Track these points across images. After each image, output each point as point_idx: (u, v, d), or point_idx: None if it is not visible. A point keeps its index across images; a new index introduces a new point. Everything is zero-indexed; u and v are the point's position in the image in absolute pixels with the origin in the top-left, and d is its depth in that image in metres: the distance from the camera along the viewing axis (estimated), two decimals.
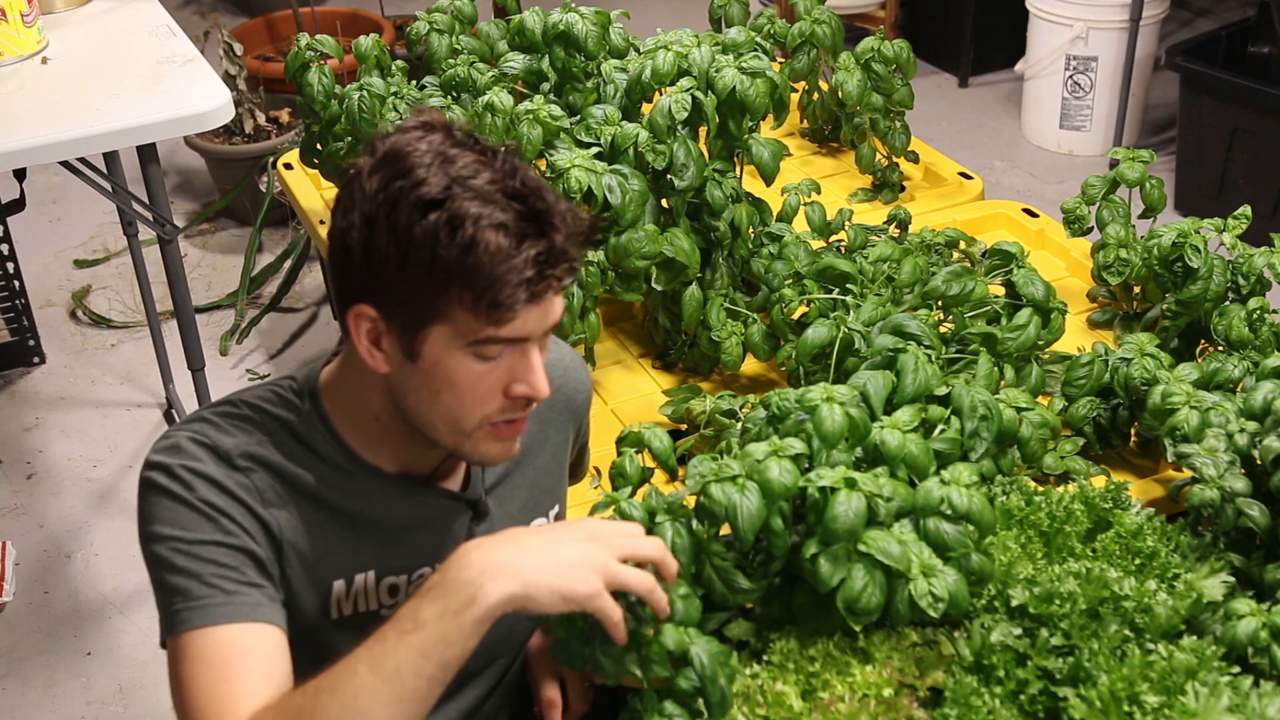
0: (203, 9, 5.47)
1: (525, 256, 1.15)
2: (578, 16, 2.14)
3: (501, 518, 1.44)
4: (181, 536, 1.23)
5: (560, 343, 1.58)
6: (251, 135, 3.97)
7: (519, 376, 1.23)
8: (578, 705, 1.45)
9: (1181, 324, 1.96)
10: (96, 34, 2.56)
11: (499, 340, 1.19)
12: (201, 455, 1.26)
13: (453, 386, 1.21)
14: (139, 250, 3.16)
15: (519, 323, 1.18)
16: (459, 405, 1.23)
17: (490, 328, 1.17)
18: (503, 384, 1.23)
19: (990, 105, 4.75)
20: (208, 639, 1.20)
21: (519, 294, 1.15)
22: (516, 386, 1.23)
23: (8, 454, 3.20)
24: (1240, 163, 3.79)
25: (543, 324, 1.21)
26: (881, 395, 1.56)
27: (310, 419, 1.32)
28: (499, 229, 1.14)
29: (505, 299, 1.15)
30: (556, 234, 1.17)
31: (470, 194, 1.15)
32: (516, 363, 1.22)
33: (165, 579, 1.23)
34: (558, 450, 1.52)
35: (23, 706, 2.55)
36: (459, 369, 1.20)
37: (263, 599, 1.24)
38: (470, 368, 1.20)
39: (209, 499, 1.24)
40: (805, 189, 2.22)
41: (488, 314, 1.16)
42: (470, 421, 1.24)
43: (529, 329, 1.19)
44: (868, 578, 1.26)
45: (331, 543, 1.33)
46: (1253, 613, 1.29)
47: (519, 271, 1.15)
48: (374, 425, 1.31)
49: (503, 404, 1.24)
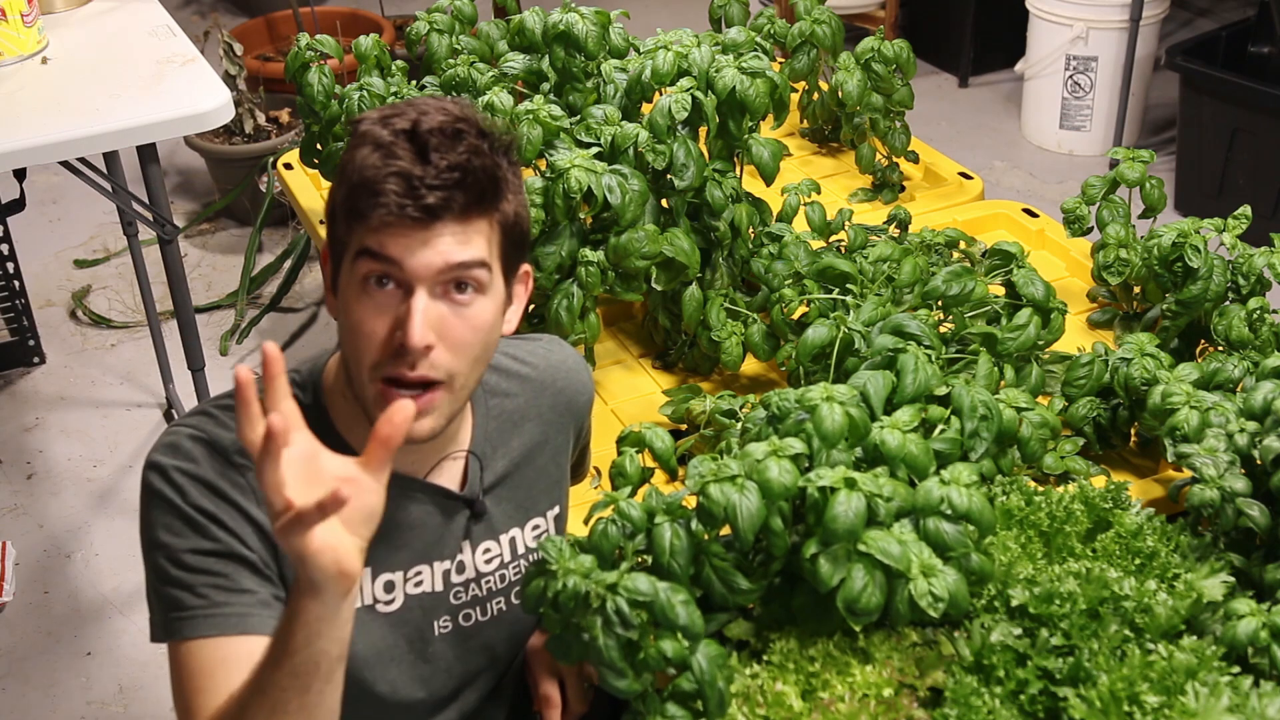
0: (203, 9, 5.47)
1: (387, 171, 1.20)
2: (578, 16, 2.14)
3: (499, 518, 1.44)
4: (174, 545, 1.26)
5: (563, 344, 1.58)
6: (251, 135, 3.97)
7: (401, 322, 1.23)
8: (576, 705, 1.45)
9: (1181, 324, 1.96)
10: (96, 34, 2.56)
11: (375, 255, 1.21)
12: (198, 455, 1.28)
13: (348, 318, 1.25)
14: (139, 250, 3.16)
15: (389, 242, 1.21)
16: (354, 343, 1.25)
17: (361, 237, 1.22)
18: (387, 327, 1.23)
19: (990, 105, 4.75)
20: (194, 651, 1.25)
21: (374, 203, 1.20)
22: (397, 334, 1.23)
23: (8, 454, 3.20)
24: (1240, 163, 3.79)
25: (422, 260, 1.21)
26: (881, 395, 1.56)
27: (310, 413, 1.32)
28: (377, 147, 1.21)
29: (362, 206, 1.20)
30: (426, 166, 1.20)
31: (382, 119, 1.23)
32: (399, 307, 1.23)
33: (159, 588, 1.27)
34: (558, 452, 1.51)
35: (23, 706, 2.55)
36: (354, 300, 1.24)
37: (252, 606, 1.26)
38: (361, 301, 1.24)
39: (201, 504, 1.26)
40: (805, 189, 2.22)
41: (356, 220, 1.22)
42: (363, 365, 1.25)
43: (399, 254, 1.21)
44: (868, 578, 1.26)
45: None
46: (1253, 613, 1.29)
47: (375, 184, 1.20)
48: (368, 418, 1.31)
49: (384, 349, 1.24)
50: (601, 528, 1.31)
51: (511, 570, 1.46)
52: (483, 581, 1.44)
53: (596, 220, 1.98)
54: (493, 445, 1.44)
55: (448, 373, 1.25)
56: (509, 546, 1.46)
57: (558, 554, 1.26)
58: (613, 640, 1.22)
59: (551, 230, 1.93)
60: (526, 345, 1.54)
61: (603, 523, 1.31)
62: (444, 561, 1.41)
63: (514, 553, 1.46)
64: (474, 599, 1.44)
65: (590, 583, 1.23)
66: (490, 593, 1.45)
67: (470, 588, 1.43)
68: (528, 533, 1.47)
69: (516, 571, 1.47)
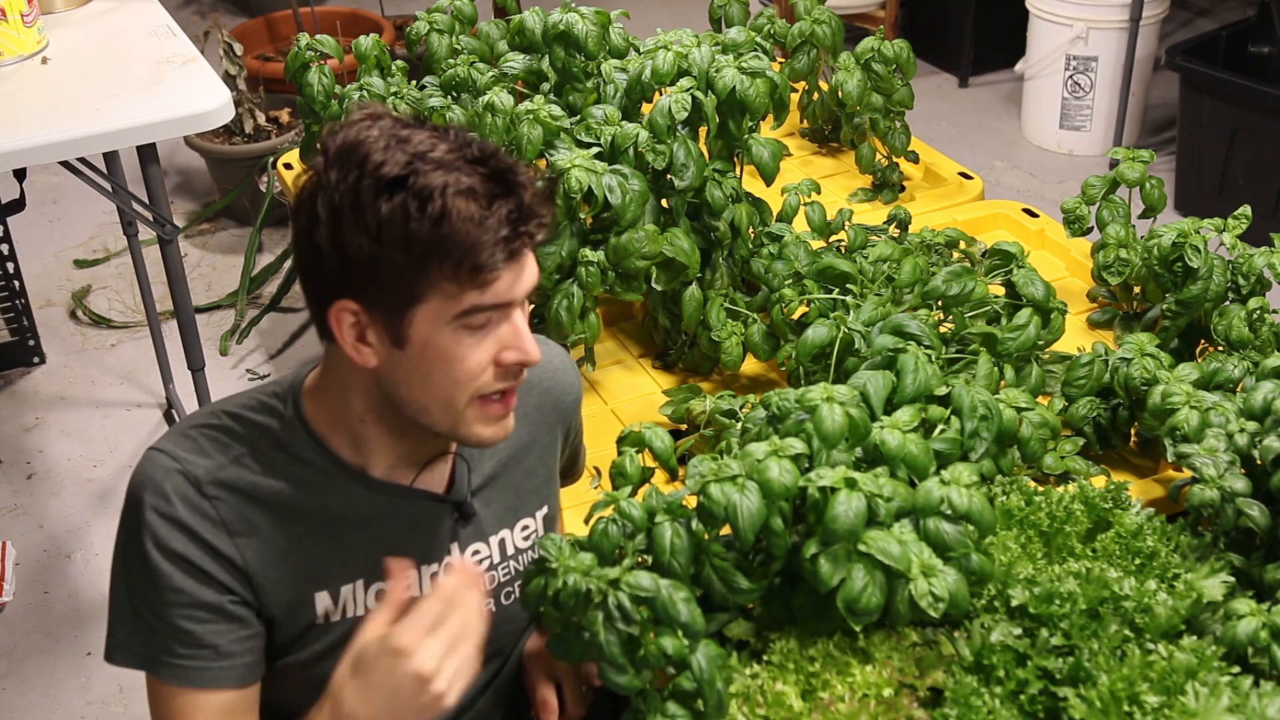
0: (203, 9, 5.47)
1: (498, 216, 1.15)
2: (578, 16, 2.14)
3: (487, 519, 1.43)
4: (143, 590, 1.28)
5: (549, 343, 1.56)
6: (251, 135, 3.97)
7: (508, 343, 1.22)
8: (574, 709, 1.45)
9: (1181, 324, 1.96)
10: (96, 34, 2.56)
11: (484, 308, 1.19)
12: (168, 491, 1.27)
13: (444, 364, 1.21)
14: (139, 250, 3.16)
15: (501, 285, 1.18)
16: (451, 383, 1.22)
17: (474, 294, 1.17)
18: (492, 353, 1.22)
19: (990, 105, 4.75)
20: (157, 687, 1.30)
21: (497, 254, 1.16)
22: (506, 354, 1.23)
23: (8, 454, 3.20)
24: (1240, 163, 3.79)
25: (523, 285, 1.21)
26: (881, 395, 1.56)
27: (292, 425, 1.31)
28: (467, 194, 1.14)
29: (485, 262, 1.15)
30: (524, 190, 1.17)
31: (431, 165, 1.15)
32: (503, 330, 1.22)
33: (124, 612, 1.30)
34: (545, 452, 1.50)
35: (23, 706, 2.55)
36: (449, 345, 1.20)
37: (211, 662, 1.28)
38: (460, 342, 1.20)
39: (172, 548, 1.27)
40: (805, 189, 2.22)
41: (470, 280, 1.16)
42: (464, 398, 1.24)
43: (512, 292, 1.20)
44: (868, 578, 1.26)
45: (315, 556, 1.32)
46: (1253, 613, 1.29)
47: (494, 232, 1.15)
48: (359, 427, 1.30)
49: (494, 374, 1.24)
50: (602, 527, 1.31)
51: (501, 572, 1.46)
52: None
53: (596, 220, 1.98)
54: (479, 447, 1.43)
55: None
56: (498, 548, 1.45)
57: (558, 552, 1.26)
58: (614, 636, 1.22)
59: (551, 230, 1.93)
60: None
61: (603, 522, 1.31)
62: (432, 565, 1.40)
63: (503, 554, 1.46)
64: None
65: (592, 579, 1.23)
66: None
67: None
68: (517, 534, 1.47)
69: (506, 573, 1.46)
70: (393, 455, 1.33)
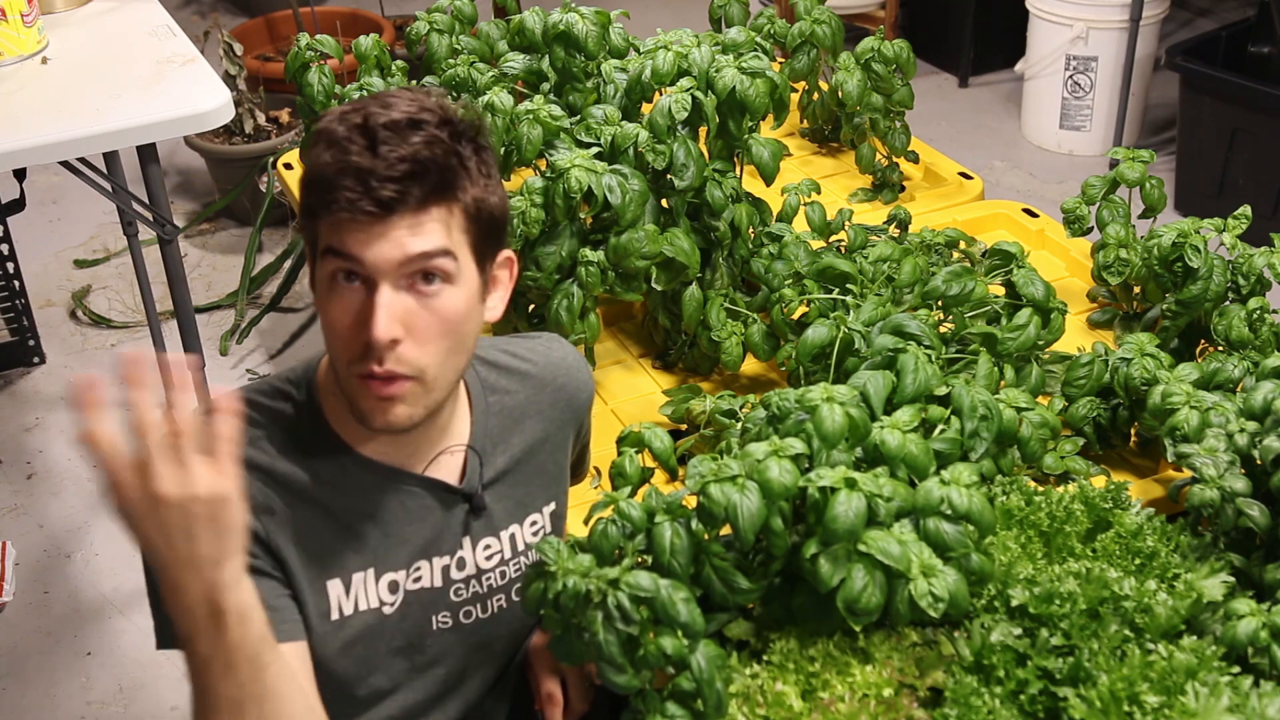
0: (203, 9, 5.47)
1: (340, 167, 1.20)
2: (578, 16, 2.14)
3: (498, 514, 1.44)
4: None
5: (563, 342, 1.58)
6: (251, 135, 3.97)
7: (364, 318, 1.22)
8: (578, 704, 1.45)
9: (1181, 324, 1.96)
10: (96, 34, 2.56)
11: (339, 253, 1.21)
12: None
13: (322, 315, 1.26)
14: (139, 250, 3.16)
15: (348, 239, 1.21)
16: (329, 339, 1.26)
17: (324, 235, 1.22)
18: (351, 317, 1.23)
19: (990, 105, 4.75)
20: None
21: (330, 200, 1.20)
22: (361, 329, 1.23)
23: (8, 454, 3.20)
24: (1240, 163, 3.79)
25: (378, 253, 1.21)
26: (881, 395, 1.56)
27: (304, 410, 1.33)
28: (330, 144, 1.21)
29: (320, 203, 1.21)
30: (376, 160, 1.19)
31: (334, 116, 1.23)
32: (364, 303, 1.23)
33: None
34: (556, 449, 1.52)
35: (23, 706, 2.55)
36: (323, 295, 1.25)
37: None
38: (329, 296, 1.24)
39: None
40: (805, 189, 2.22)
41: (317, 218, 1.22)
42: (341, 360, 1.26)
43: (358, 250, 1.21)
44: (868, 578, 1.26)
45: (326, 544, 1.33)
46: (1253, 613, 1.29)
47: (330, 181, 1.20)
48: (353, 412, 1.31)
49: (355, 347, 1.24)
50: (601, 528, 1.31)
51: (512, 567, 1.46)
52: (483, 578, 1.44)
53: (596, 220, 1.98)
54: (493, 441, 1.44)
55: (416, 368, 1.25)
56: (509, 543, 1.46)
57: (556, 555, 1.26)
58: (613, 635, 1.22)
59: (551, 230, 1.93)
60: (526, 343, 1.55)
61: (603, 523, 1.31)
62: (443, 557, 1.41)
63: (514, 549, 1.46)
64: (474, 596, 1.44)
65: (591, 579, 1.23)
66: (490, 590, 1.45)
67: (471, 584, 1.44)
68: (526, 529, 1.47)
69: (517, 568, 1.47)
70: (393, 442, 1.34)
